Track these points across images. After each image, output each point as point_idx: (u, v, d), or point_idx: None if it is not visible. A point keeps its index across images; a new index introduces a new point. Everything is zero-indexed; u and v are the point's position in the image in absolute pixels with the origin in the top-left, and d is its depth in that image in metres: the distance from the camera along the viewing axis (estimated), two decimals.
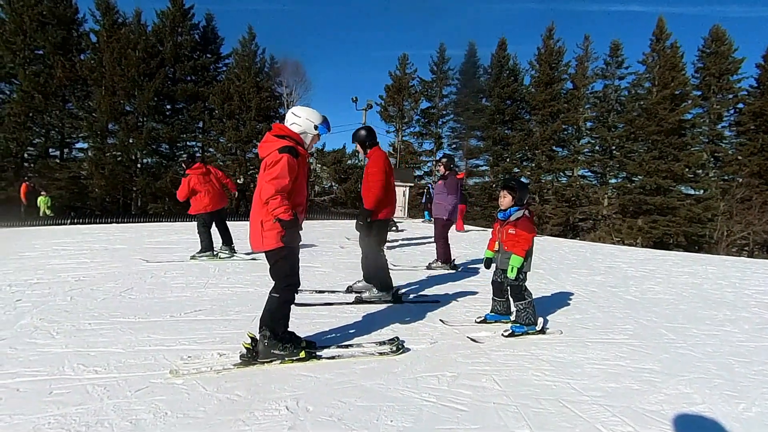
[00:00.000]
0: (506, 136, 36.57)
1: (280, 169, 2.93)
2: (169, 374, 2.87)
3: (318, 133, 3.24)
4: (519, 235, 3.86)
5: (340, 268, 6.92)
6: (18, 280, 5.62)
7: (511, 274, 3.83)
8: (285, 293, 3.13)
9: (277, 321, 3.12)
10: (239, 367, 3.01)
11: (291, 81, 35.43)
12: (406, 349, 3.45)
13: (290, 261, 3.12)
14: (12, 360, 3.09)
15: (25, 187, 19.22)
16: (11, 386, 2.70)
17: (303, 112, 3.23)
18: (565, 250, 10.97)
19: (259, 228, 3.03)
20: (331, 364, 3.16)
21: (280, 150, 2.98)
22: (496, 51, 37.80)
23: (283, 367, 3.08)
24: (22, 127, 26.61)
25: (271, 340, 3.08)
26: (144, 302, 4.71)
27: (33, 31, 27.02)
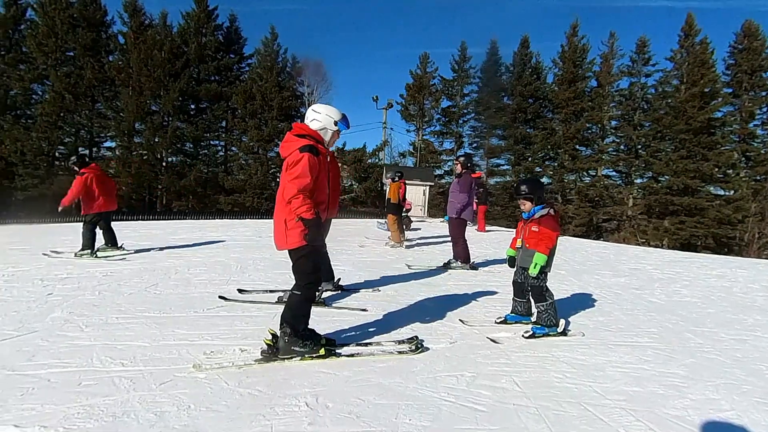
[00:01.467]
0: (528, 134, 36.11)
1: (301, 168, 2.95)
2: (192, 368, 2.93)
3: (338, 129, 3.25)
4: (542, 233, 3.81)
5: (360, 267, 6.95)
6: (49, 275, 5.81)
7: (533, 271, 3.78)
8: (306, 291, 3.15)
9: (298, 318, 3.15)
10: (260, 363, 3.05)
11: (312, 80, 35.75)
12: (425, 348, 3.45)
13: (312, 259, 3.14)
14: (44, 351, 3.20)
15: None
16: (43, 377, 2.79)
17: (323, 109, 3.25)
18: (588, 251, 10.80)
19: (283, 227, 3.07)
20: (350, 361, 3.18)
21: (300, 149, 3.00)
22: (518, 49, 37.38)
23: (303, 363, 3.11)
24: (53, 126, 27.47)
25: (291, 337, 3.11)
26: (168, 298, 4.81)
27: (64, 34, 27.85)
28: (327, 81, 37.18)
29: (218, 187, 30.35)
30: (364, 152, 32.33)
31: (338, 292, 5.24)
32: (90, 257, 7.12)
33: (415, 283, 5.97)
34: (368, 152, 32.62)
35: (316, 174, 3.02)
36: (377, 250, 9.02)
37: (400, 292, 5.41)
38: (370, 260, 7.76)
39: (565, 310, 4.76)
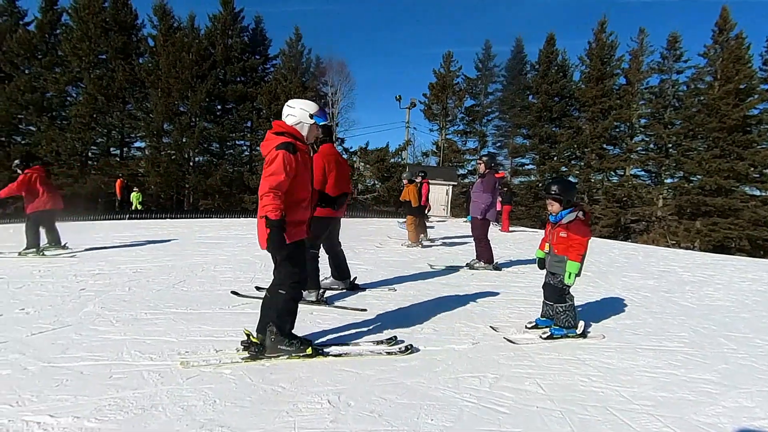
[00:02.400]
0: (554, 133, 35.51)
1: (276, 166, 2.91)
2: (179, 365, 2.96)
3: (315, 122, 3.17)
4: (572, 239, 3.72)
5: (382, 266, 6.96)
6: (82, 271, 6.01)
7: (569, 281, 3.70)
8: (289, 290, 3.13)
9: (284, 317, 3.14)
10: (246, 361, 3.05)
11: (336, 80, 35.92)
12: (415, 350, 3.38)
13: (295, 260, 3.12)
14: (77, 345, 3.32)
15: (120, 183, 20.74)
16: (76, 369, 2.89)
17: (297, 103, 3.19)
18: (615, 252, 10.56)
19: (263, 226, 3.00)
20: (372, 361, 3.19)
21: (276, 147, 2.96)
22: (544, 46, 36.77)
23: (326, 361, 3.14)
24: (86, 127, 28.40)
25: (278, 336, 3.11)
26: (195, 294, 4.92)
27: (97, 37, 28.75)
28: (350, 81, 37.33)
29: (243, 186, 30.83)
30: (386, 152, 32.33)
31: (354, 291, 5.25)
32: (36, 255, 7.20)
33: (437, 283, 5.95)
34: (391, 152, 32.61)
35: (293, 172, 2.96)
36: (399, 250, 9.02)
37: (422, 291, 5.39)
38: (392, 260, 7.76)
39: (591, 313, 4.68)
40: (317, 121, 3.17)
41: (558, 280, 3.82)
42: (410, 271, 6.72)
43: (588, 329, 4.06)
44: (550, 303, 4.01)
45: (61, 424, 2.24)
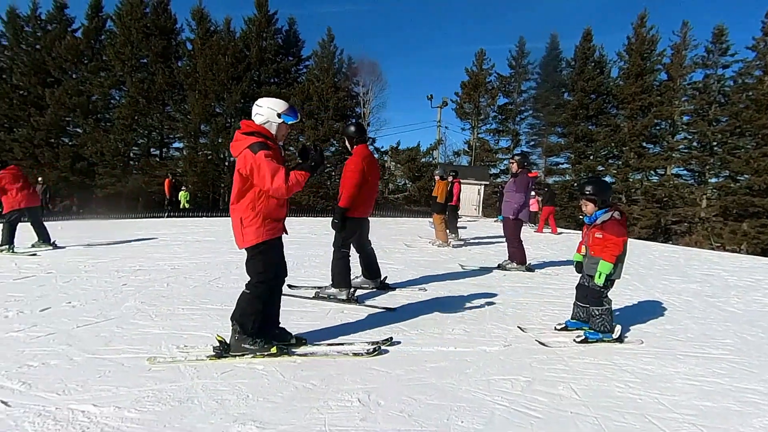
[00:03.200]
0: (590, 132, 34.52)
1: (269, 166, 2.86)
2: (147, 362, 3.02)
3: (283, 122, 3.08)
4: (607, 240, 3.62)
5: (413, 266, 6.95)
6: (124, 267, 6.26)
7: (599, 281, 3.61)
8: (256, 289, 3.11)
9: (247, 316, 3.10)
10: (211, 359, 3.05)
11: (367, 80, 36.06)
12: (384, 351, 3.32)
13: (265, 258, 3.09)
14: (118, 338, 3.46)
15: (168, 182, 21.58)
16: (117, 361, 3.02)
17: (265, 102, 3.10)
18: (655, 255, 10.19)
19: (239, 225, 3.03)
20: (402, 360, 3.19)
21: (251, 148, 2.90)
22: (580, 42, 35.78)
23: (356, 360, 3.16)
24: (128, 128, 29.53)
25: (241, 335, 3.10)
26: (230, 291, 5.03)
27: (139, 42, 29.83)
28: (382, 81, 37.39)
29: None
30: (417, 151, 32.24)
31: (384, 291, 5.26)
32: (7, 253, 7.44)
33: (468, 284, 5.89)
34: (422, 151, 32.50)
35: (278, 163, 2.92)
36: (429, 250, 8.97)
37: (452, 292, 5.35)
38: (423, 260, 7.73)
39: (628, 317, 4.53)
40: (286, 120, 3.09)
41: (595, 283, 3.73)
42: (441, 271, 6.68)
43: (625, 334, 3.93)
44: (582, 305, 3.92)
45: (103, 414, 2.34)
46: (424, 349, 3.43)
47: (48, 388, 2.60)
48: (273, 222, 3.08)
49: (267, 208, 3.02)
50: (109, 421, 2.27)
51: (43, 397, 2.51)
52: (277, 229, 3.12)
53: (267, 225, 3.04)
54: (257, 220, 3.01)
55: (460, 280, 6.14)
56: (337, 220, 4.78)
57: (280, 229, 3.16)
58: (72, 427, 2.21)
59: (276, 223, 3.11)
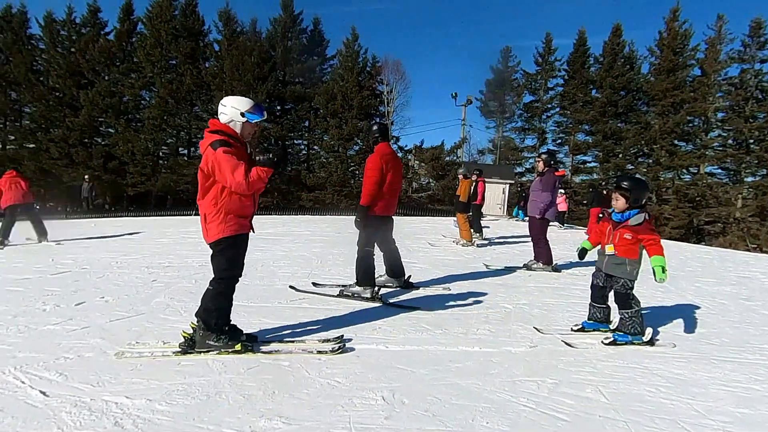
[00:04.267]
0: (619, 129, 33.67)
1: (228, 161, 2.87)
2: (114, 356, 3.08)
3: (247, 120, 3.08)
4: (646, 240, 3.53)
5: (437, 265, 6.92)
6: (153, 263, 6.42)
7: (663, 276, 3.47)
8: (218, 285, 3.13)
9: (211, 313, 3.12)
10: (177, 354, 3.10)
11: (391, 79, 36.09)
12: (349, 349, 3.30)
13: (227, 255, 3.10)
14: (149, 333, 3.55)
15: None
16: (148, 355, 3.10)
17: (229, 101, 3.11)
18: (687, 256, 9.89)
19: (203, 221, 3.08)
20: (426, 359, 3.18)
21: (212, 146, 2.92)
22: (609, 38, 34.93)
23: (381, 358, 3.16)
24: (158, 128, 30.27)
25: (205, 331, 3.13)
26: (255, 289, 5.12)
27: (168, 44, 30.52)
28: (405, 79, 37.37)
29: (301, 184, 31.64)
30: (441, 150, 32.06)
31: (408, 290, 5.25)
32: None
33: (492, 284, 5.83)
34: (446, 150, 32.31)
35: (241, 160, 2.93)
36: (454, 249, 8.92)
37: (477, 291, 5.30)
38: (447, 259, 7.69)
39: (659, 319, 4.42)
40: (250, 118, 3.08)
41: (621, 285, 3.64)
42: (465, 270, 6.63)
43: (656, 337, 3.82)
44: (599, 305, 3.86)
45: (135, 406, 2.41)
46: (448, 349, 3.41)
47: (83, 379, 2.70)
48: (237, 218, 3.08)
49: (229, 205, 3.03)
50: (141, 413, 2.33)
51: (78, 388, 2.60)
52: (240, 226, 3.11)
53: (229, 221, 3.05)
54: (219, 216, 3.03)
55: (484, 279, 6.09)
56: (359, 219, 4.79)
57: (244, 226, 3.15)
58: (106, 417, 2.28)
59: (240, 220, 3.10)
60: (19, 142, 29.77)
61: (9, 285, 5.12)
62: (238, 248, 3.15)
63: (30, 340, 3.36)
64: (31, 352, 3.09)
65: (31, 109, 29.74)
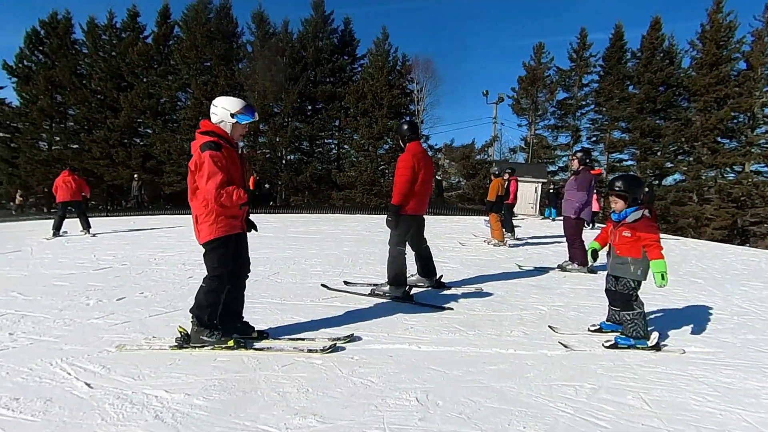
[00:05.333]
0: (657, 126, 32.49)
1: (208, 168, 2.95)
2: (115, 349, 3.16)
3: (237, 122, 3.13)
4: (643, 239, 3.42)
5: (468, 265, 6.84)
6: (189, 260, 6.59)
7: (663, 282, 3.38)
8: (211, 283, 3.18)
9: (203, 309, 3.18)
10: (173, 349, 3.16)
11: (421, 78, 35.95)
12: (340, 348, 3.26)
13: (219, 253, 3.14)
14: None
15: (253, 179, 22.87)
16: (186, 351, 3.17)
17: (220, 102, 3.17)
18: (731, 258, 9.44)
19: (195, 221, 3.14)
20: (459, 361, 3.14)
21: (201, 148, 2.98)
22: (647, 31, 33.74)
23: (414, 359, 3.14)
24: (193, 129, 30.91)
25: (198, 327, 3.19)
26: (288, 286, 5.18)
27: (203, 46, 31.33)
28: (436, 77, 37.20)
29: (331, 183, 31.93)
30: (472, 148, 31.77)
31: (439, 289, 5.20)
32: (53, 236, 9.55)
33: (526, 285, 5.72)
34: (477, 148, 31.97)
35: (226, 168, 3.00)
36: (485, 249, 8.80)
37: (510, 292, 5.21)
38: (478, 259, 7.60)
39: (703, 323, 4.23)
40: (240, 119, 3.13)
41: (623, 285, 3.54)
42: (497, 270, 6.53)
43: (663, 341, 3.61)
44: (615, 308, 3.75)
45: (174, 400, 2.46)
46: (482, 351, 3.36)
47: (125, 372, 2.78)
48: (227, 219, 3.12)
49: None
50: (180, 407, 2.38)
51: (120, 380, 2.68)
52: (231, 226, 3.16)
53: (221, 222, 3.09)
54: (210, 216, 3.08)
55: (517, 280, 5.97)
56: (390, 218, 4.78)
57: (235, 226, 3.20)
58: (147, 410, 2.35)
59: (230, 220, 3.15)
60: (64, 143, 31.16)
61: (55, 279, 5.36)
62: (228, 247, 3.20)
63: (75, 333, 3.49)
64: (76, 345, 3.22)
65: (75, 111, 31.10)
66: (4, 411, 2.30)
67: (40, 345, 3.24)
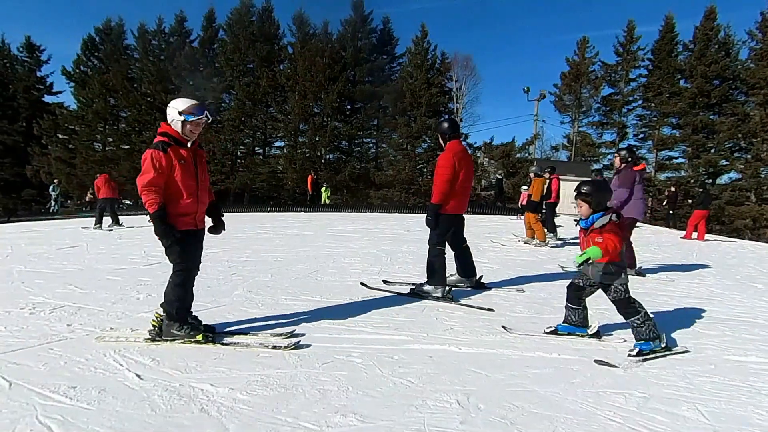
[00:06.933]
0: (711, 122, 30.76)
1: (144, 165, 3.11)
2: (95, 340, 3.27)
3: (185, 119, 3.23)
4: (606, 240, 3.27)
5: (509, 266, 6.70)
6: (233, 258, 6.76)
7: (579, 259, 3.26)
8: (177, 277, 3.28)
9: (171, 303, 3.27)
10: (147, 342, 3.26)
11: (461, 75, 35.53)
12: (305, 345, 3.26)
13: (179, 247, 3.22)
14: (230, 325, 3.73)
15: (311, 178, 23.54)
16: (229, 346, 3.25)
17: (172, 103, 3.32)
18: None
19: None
20: (501, 364, 3.07)
21: (149, 146, 3.17)
22: (701, 22, 31.99)
23: (454, 360, 3.09)
24: (236, 129, 32.04)
25: (168, 320, 3.29)
26: (327, 284, 5.23)
27: (246, 48, 32.18)
28: (475, 75, 36.61)
29: (369, 182, 32.08)
30: (512, 146, 31.13)
31: (479, 290, 5.11)
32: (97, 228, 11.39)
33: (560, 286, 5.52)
34: (517, 146, 31.31)
35: (163, 169, 3.12)
36: (526, 249, 8.61)
37: (552, 294, 5.06)
38: (519, 259, 7.44)
39: (764, 333, 3.96)
40: (187, 118, 3.23)
41: (615, 292, 3.38)
42: (539, 271, 6.36)
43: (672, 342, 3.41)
44: (574, 307, 3.66)
45: (219, 393, 2.53)
46: (524, 354, 3.27)
47: (173, 365, 2.88)
48: (181, 216, 3.23)
49: (173, 204, 3.20)
50: (224, 401, 2.44)
51: (168, 373, 2.77)
52: (183, 223, 3.24)
53: (175, 218, 3.20)
54: None
55: (560, 281, 5.78)
56: (430, 217, 4.73)
57: (187, 223, 3.28)
58: (193, 403, 2.42)
59: (185, 217, 3.26)
60: (116, 144, 32.75)
61: (108, 274, 5.63)
62: (189, 242, 3.29)
63: (126, 326, 3.64)
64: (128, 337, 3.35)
65: (127, 113, 32.62)
66: (62, 399, 2.43)
67: (94, 336, 3.39)
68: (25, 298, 4.40)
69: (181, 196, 3.23)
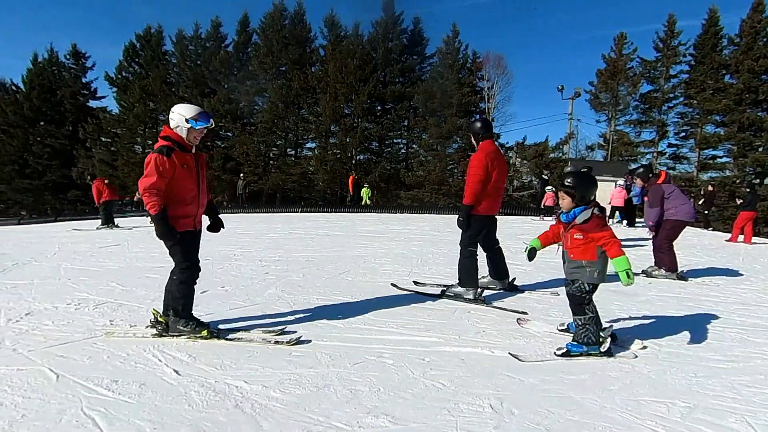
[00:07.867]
0: (759, 119, 29.26)
1: (148, 168, 3.16)
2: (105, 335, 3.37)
3: (191, 126, 3.27)
4: (598, 239, 3.16)
5: (542, 268, 6.55)
6: (266, 257, 6.88)
7: (629, 281, 3.11)
8: (179, 275, 3.35)
9: (176, 300, 3.36)
10: (154, 337, 3.36)
11: (492, 74, 35.05)
12: (306, 341, 3.34)
13: (183, 247, 3.31)
14: (264, 324, 3.79)
15: (352, 179, 23.96)
16: (263, 344, 3.30)
17: (177, 108, 3.35)
18: None
19: None
20: (536, 369, 3.00)
21: (153, 150, 3.22)
22: (748, 14, 30.51)
23: (487, 364, 3.05)
24: (269, 131, 32.65)
25: (174, 317, 3.37)
26: (358, 284, 5.25)
27: (279, 52, 32.76)
28: (507, 74, 36.02)
29: (399, 182, 32.08)
30: (546, 146, 30.50)
31: (512, 292, 5.02)
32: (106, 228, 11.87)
33: (605, 291, 5.33)
34: (551, 146, 30.66)
35: (167, 173, 3.17)
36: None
37: None
38: (553, 262, 7.21)
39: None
40: (193, 125, 3.28)
41: (576, 287, 3.27)
42: None
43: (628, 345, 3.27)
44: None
45: (253, 390, 2.57)
46: (560, 359, 3.19)
47: (208, 362, 2.94)
48: (182, 218, 3.30)
49: (175, 207, 3.26)
50: (258, 399, 2.48)
51: (204, 369, 2.84)
52: (181, 224, 3.29)
53: (176, 220, 3.26)
54: None
55: None
56: (462, 218, 4.68)
57: (186, 225, 3.33)
58: (228, 400, 2.47)
59: (186, 219, 3.33)
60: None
61: (148, 272, 5.82)
62: (190, 242, 3.37)
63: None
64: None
65: (165, 117, 33.69)
66: (105, 392, 2.52)
67: (135, 332, 3.51)
68: (71, 294, 4.60)
69: (183, 199, 3.31)
